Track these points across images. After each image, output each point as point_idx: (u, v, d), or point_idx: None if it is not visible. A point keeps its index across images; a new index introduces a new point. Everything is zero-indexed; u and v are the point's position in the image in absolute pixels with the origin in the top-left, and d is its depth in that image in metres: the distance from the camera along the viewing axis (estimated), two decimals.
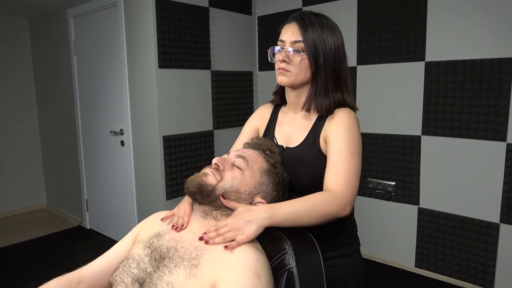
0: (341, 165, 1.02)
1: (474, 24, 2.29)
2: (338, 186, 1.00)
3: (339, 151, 1.04)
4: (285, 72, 1.11)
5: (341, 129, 1.07)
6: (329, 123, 1.10)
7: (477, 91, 2.32)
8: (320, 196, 0.98)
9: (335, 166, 1.03)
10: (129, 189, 3.04)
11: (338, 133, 1.06)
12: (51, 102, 3.95)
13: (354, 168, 1.03)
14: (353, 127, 1.08)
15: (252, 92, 3.39)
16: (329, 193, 0.99)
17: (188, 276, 0.84)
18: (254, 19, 3.36)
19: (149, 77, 2.69)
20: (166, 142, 2.73)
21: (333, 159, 1.04)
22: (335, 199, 0.98)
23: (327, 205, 0.97)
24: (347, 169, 1.02)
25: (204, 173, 0.98)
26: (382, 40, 2.65)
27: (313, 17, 1.10)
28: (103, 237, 3.42)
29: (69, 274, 1.03)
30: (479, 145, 2.35)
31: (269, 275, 0.85)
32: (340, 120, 1.09)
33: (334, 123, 1.09)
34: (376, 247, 2.82)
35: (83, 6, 3.22)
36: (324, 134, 1.10)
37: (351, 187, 1.01)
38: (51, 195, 4.24)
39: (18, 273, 2.79)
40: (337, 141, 1.05)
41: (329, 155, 1.06)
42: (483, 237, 2.38)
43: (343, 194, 0.99)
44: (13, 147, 4.05)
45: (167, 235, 0.97)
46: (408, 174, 2.63)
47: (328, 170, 1.04)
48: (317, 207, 0.96)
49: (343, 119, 1.09)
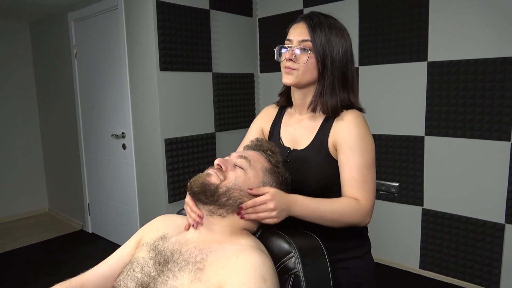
0: (359, 178, 1.03)
1: (477, 23, 2.27)
2: (362, 199, 1.03)
3: (354, 164, 1.04)
4: (291, 71, 1.10)
5: (355, 139, 1.06)
6: (338, 127, 1.09)
7: (480, 91, 2.30)
8: (347, 204, 1.01)
9: (353, 179, 1.04)
10: (131, 192, 3.03)
11: (352, 143, 1.05)
12: (52, 106, 3.95)
13: (371, 179, 1.05)
14: (365, 134, 1.07)
15: (253, 94, 3.38)
16: (355, 203, 1.02)
17: (193, 280, 0.82)
18: (255, 21, 3.36)
19: (150, 80, 2.68)
20: (168, 145, 2.72)
21: (349, 172, 1.04)
22: (359, 210, 1.01)
23: (351, 215, 1.01)
24: (365, 182, 1.04)
25: (207, 174, 0.97)
26: (384, 41, 2.64)
27: (321, 18, 1.09)
28: (105, 241, 3.41)
29: (72, 280, 1.02)
30: (483, 145, 2.33)
31: (275, 279, 0.84)
32: (352, 125, 1.07)
33: (344, 129, 1.08)
34: (380, 248, 2.80)
35: (84, 10, 3.21)
36: (334, 139, 1.09)
37: (371, 199, 1.04)
38: (53, 199, 4.23)
39: (20, 277, 2.77)
40: (352, 154, 1.05)
41: (344, 166, 1.06)
42: (488, 238, 2.36)
43: (366, 206, 1.02)
44: (14, 151, 4.05)
45: (172, 238, 0.96)
46: (411, 175, 2.61)
47: (346, 183, 1.05)
48: (342, 214, 1.00)
49: (355, 125, 1.07)
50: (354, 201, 1.02)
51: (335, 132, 1.09)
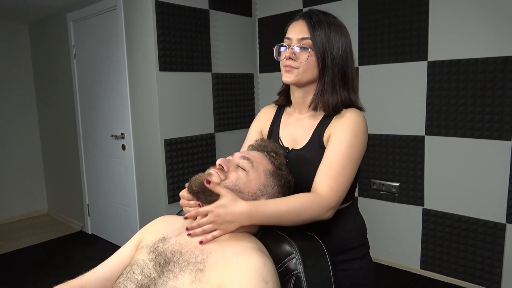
0: (337, 168, 1.00)
1: (477, 22, 2.27)
2: (327, 188, 0.98)
3: (338, 153, 1.01)
4: (292, 69, 1.09)
5: (348, 133, 1.04)
6: (336, 123, 1.08)
7: (481, 90, 2.30)
8: (306, 199, 0.96)
9: (330, 167, 1.00)
10: (130, 193, 3.02)
11: (343, 135, 1.04)
12: (51, 107, 3.94)
13: (348, 175, 1.01)
14: (360, 131, 1.06)
15: (253, 95, 3.37)
16: (315, 197, 0.97)
17: (194, 281, 0.82)
18: (255, 21, 3.35)
19: (149, 80, 2.68)
20: (168, 145, 2.71)
21: (330, 159, 1.01)
22: (320, 203, 0.97)
23: (310, 209, 0.96)
24: (342, 175, 1.00)
25: (209, 173, 0.96)
26: (384, 40, 2.63)
27: (321, 15, 1.09)
28: (105, 242, 3.40)
29: (71, 281, 1.01)
30: (483, 145, 2.32)
31: (276, 280, 0.83)
32: (349, 121, 1.06)
33: (340, 123, 1.07)
34: (381, 249, 2.79)
35: (82, 10, 3.20)
36: (329, 133, 1.08)
37: (339, 193, 0.99)
38: (52, 200, 4.22)
39: (19, 279, 2.76)
40: (340, 144, 1.03)
41: (327, 153, 1.03)
42: (489, 238, 2.35)
43: (330, 198, 0.98)
44: (13, 153, 4.04)
45: (172, 239, 0.95)
46: (412, 175, 2.60)
47: (322, 169, 1.01)
48: (301, 211, 0.95)
49: (352, 121, 1.06)
50: (315, 194, 0.98)
51: (332, 128, 1.08)
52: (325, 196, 0.97)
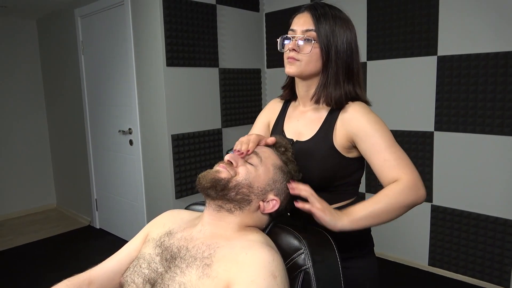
0: (391, 157, 1.00)
1: (488, 16, 2.23)
2: (403, 175, 0.98)
3: (382, 147, 1.01)
4: (294, 61, 1.08)
5: (367, 125, 1.03)
6: (346, 119, 1.07)
7: (491, 85, 2.26)
8: (393, 189, 0.97)
9: (387, 161, 1.00)
10: (138, 188, 3.03)
11: (368, 130, 1.03)
12: (59, 102, 3.96)
13: (404, 155, 1.01)
14: (375, 118, 1.05)
15: (260, 90, 3.36)
16: (400, 183, 0.97)
17: (201, 276, 0.81)
18: (262, 16, 3.33)
19: (157, 76, 2.67)
20: (175, 140, 2.71)
21: (380, 155, 1.01)
22: (409, 186, 0.96)
23: (403, 196, 0.96)
24: (399, 159, 1.00)
25: (217, 170, 0.95)
26: (392, 35, 2.60)
27: (326, 8, 1.07)
28: (113, 237, 3.42)
29: (79, 275, 1.01)
30: (494, 141, 2.29)
31: (284, 275, 0.82)
32: (360, 115, 1.05)
33: (353, 119, 1.05)
34: (389, 245, 2.77)
35: (90, 6, 3.21)
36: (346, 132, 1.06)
37: (413, 171, 0.99)
38: (61, 195, 4.26)
39: (28, 273, 2.79)
40: (373, 138, 1.02)
41: (372, 152, 1.02)
42: (499, 235, 2.32)
43: (411, 180, 0.97)
44: (22, 148, 4.07)
45: (178, 234, 0.95)
46: (420, 171, 2.54)
47: (381, 167, 1.01)
48: (394, 201, 0.96)
49: (363, 114, 1.05)
50: (395, 184, 0.97)
51: (344, 124, 1.06)
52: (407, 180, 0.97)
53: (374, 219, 0.96)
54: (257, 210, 0.96)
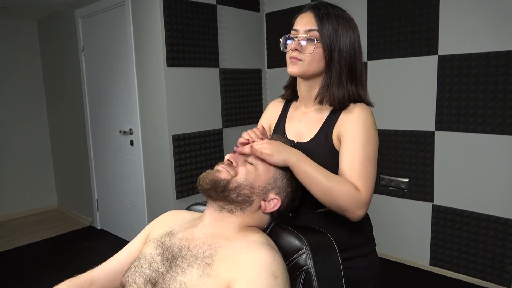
0: (359, 168, 1.00)
1: (489, 15, 2.23)
2: (359, 188, 0.98)
3: (355, 155, 1.01)
4: (297, 61, 1.07)
5: (358, 130, 1.03)
6: (345, 119, 1.07)
7: (492, 85, 2.26)
8: (346, 185, 0.97)
9: (352, 169, 1.00)
10: (139, 188, 3.04)
11: (355, 134, 1.03)
12: (60, 103, 3.96)
13: (371, 173, 1.01)
14: (370, 127, 1.04)
15: (261, 90, 3.36)
16: (354, 190, 0.97)
17: (202, 276, 0.82)
18: (262, 16, 3.33)
19: (157, 76, 2.68)
20: (176, 141, 2.71)
21: (349, 161, 1.01)
22: (356, 198, 0.96)
23: (345, 198, 0.96)
24: (364, 173, 1.00)
25: (217, 170, 0.96)
26: (393, 35, 2.60)
27: (329, 8, 1.07)
28: (114, 237, 3.43)
29: (81, 276, 1.01)
30: (495, 140, 2.29)
31: (285, 275, 0.82)
32: (357, 117, 1.05)
33: (350, 121, 1.05)
34: (390, 245, 2.77)
35: (91, 6, 3.21)
36: (338, 131, 1.07)
37: (369, 191, 0.99)
38: (62, 195, 4.26)
39: (29, 273, 2.80)
40: (354, 143, 1.02)
41: (344, 155, 1.02)
42: (500, 235, 2.32)
43: (364, 197, 0.98)
44: (23, 148, 4.08)
45: (179, 234, 0.95)
46: (421, 171, 2.58)
47: (344, 172, 1.01)
48: (337, 192, 0.96)
49: (361, 117, 1.05)
50: (354, 187, 0.98)
51: (340, 125, 1.07)
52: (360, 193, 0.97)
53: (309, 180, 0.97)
54: (258, 210, 0.96)
